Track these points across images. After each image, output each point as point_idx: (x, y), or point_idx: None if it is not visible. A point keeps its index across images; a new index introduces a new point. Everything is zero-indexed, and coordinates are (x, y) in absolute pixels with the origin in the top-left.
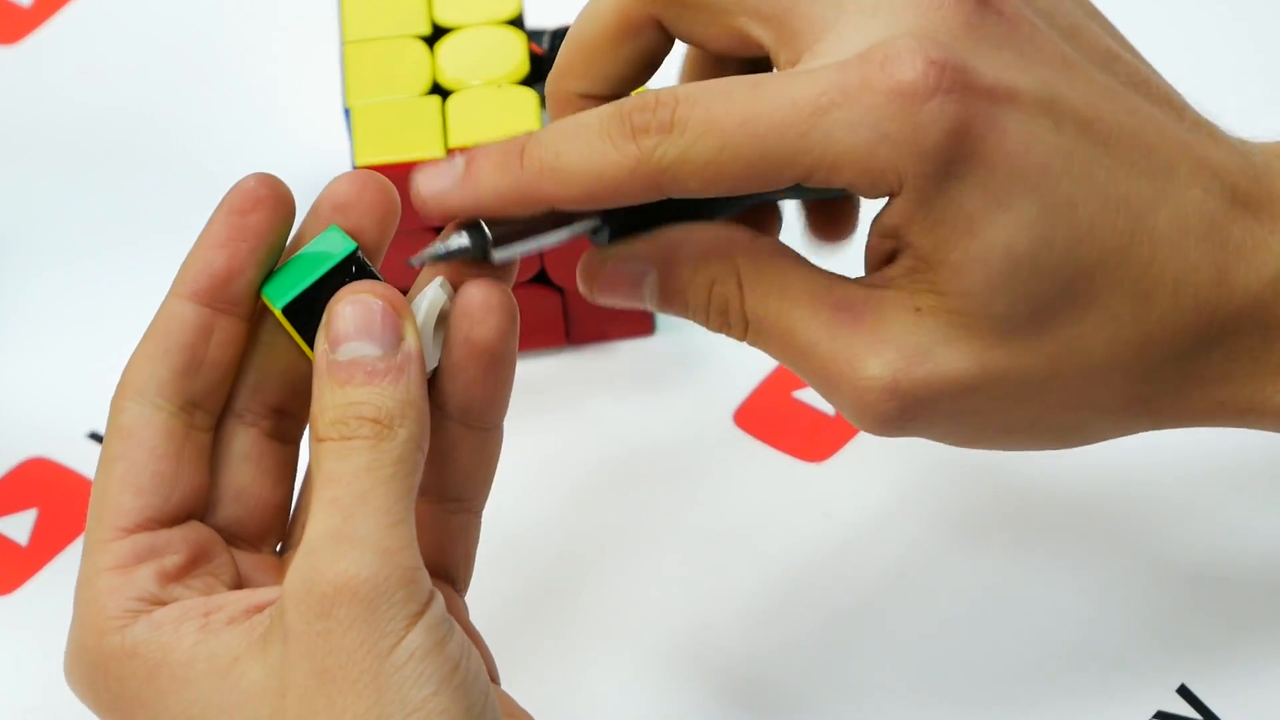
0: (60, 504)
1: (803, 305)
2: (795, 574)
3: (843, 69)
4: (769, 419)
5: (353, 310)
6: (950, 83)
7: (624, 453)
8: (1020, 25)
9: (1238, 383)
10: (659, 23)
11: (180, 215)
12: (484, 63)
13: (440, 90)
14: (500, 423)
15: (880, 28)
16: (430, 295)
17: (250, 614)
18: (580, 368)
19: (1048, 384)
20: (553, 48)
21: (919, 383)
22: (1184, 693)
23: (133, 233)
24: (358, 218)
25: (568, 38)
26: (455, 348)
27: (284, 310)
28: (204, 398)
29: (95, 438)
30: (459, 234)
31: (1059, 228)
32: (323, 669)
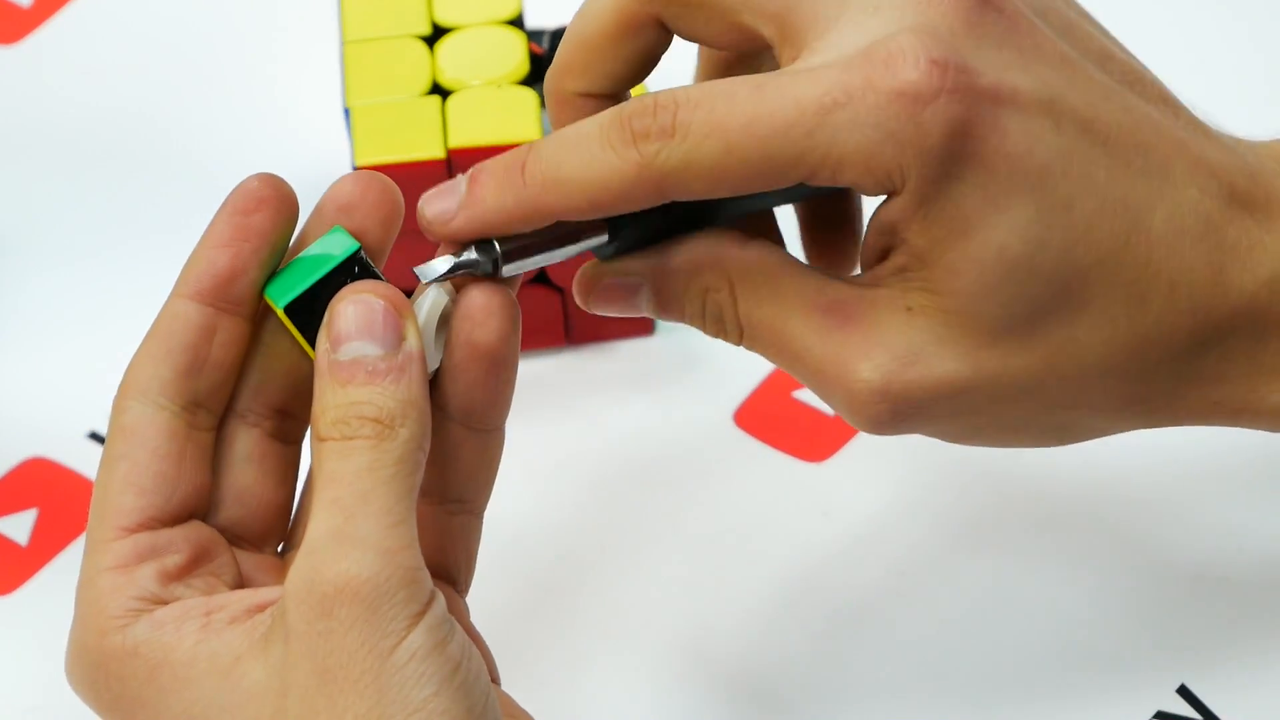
0: (60, 504)
1: (795, 309)
2: (795, 574)
3: (846, 68)
4: (769, 419)
5: (354, 310)
6: (953, 83)
7: (624, 453)
8: (1019, 23)
9: (1232, 383)
10: (659, 21)
11: (180, 215)
12: (484, 63)
13: (440, 90)
14: (502, 425)
15: (882, 24)
16: (432, 296)
17: (252, 614)
18: (580, 368)
19: (1041, 385)
20: (552, 47)
21: (911, 384)
22: (1184, 693)
23: (133, 233)
24: (361, 218)
25: (566, 35)
26: (457, 350)
27: (286, 309)
28: (206, 398)
29: (95, 438)
30: (468, 250)
31: (1055, 230)
32: (324, 669)
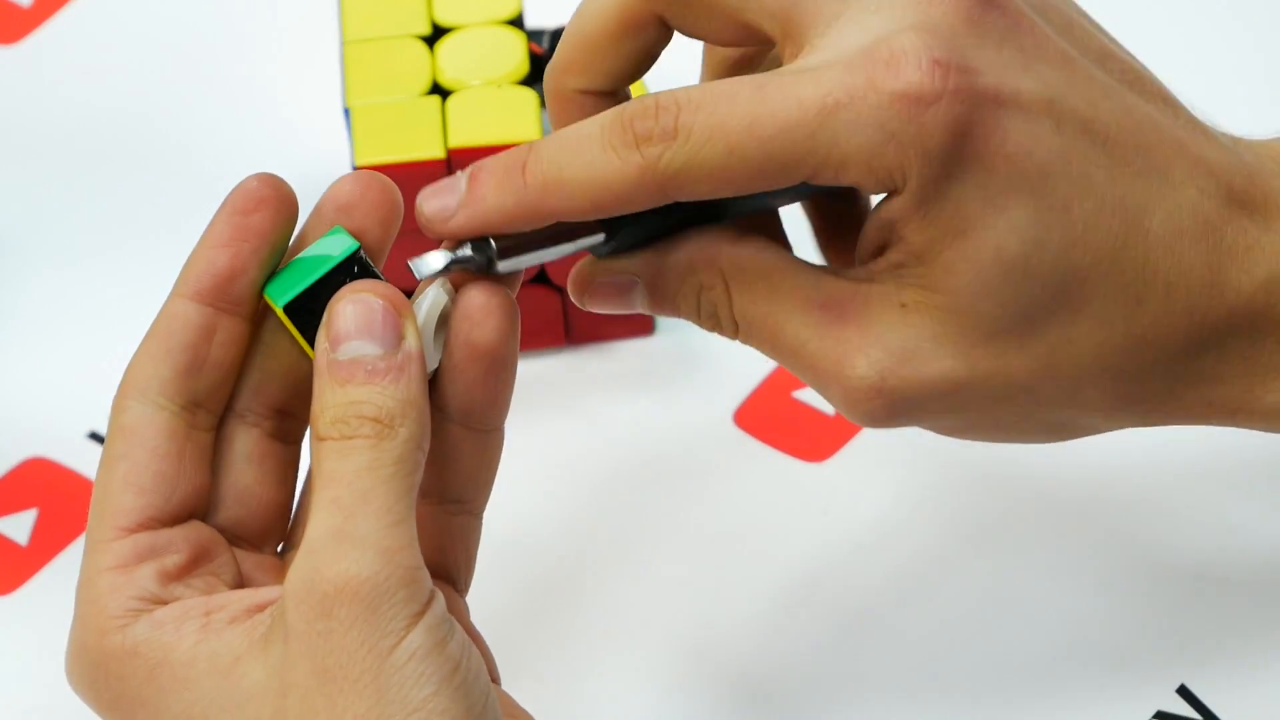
0: (60, 504)
1: (790, 305)
2: (795, 574)
3: (848, 68)
4: (769, 419)
5: (353, 309)
6: (955, 84)
7: (624, 453)
8: (1020, 21)
9: (1228, 384)
10: (661, 18)
11: (180, 215)
12: (484, 63)
13: (440, 90)
14: (501, 425)
15: (884, 21)
16: (431, 296)
17: (251, 613)
18: (580, 368)
19: (1036, 384)
20: (552, 47)
21: (906, 381)
22: (1184, 693)
23: (133, 233)
24: (361, 218)
25: (567, 32)
26: (456, 350)
27: (285, 309)
28: (206, 397)
29: (95, 438)
30: (464, 246)
31: (1053, 231)
32: (323, 669)
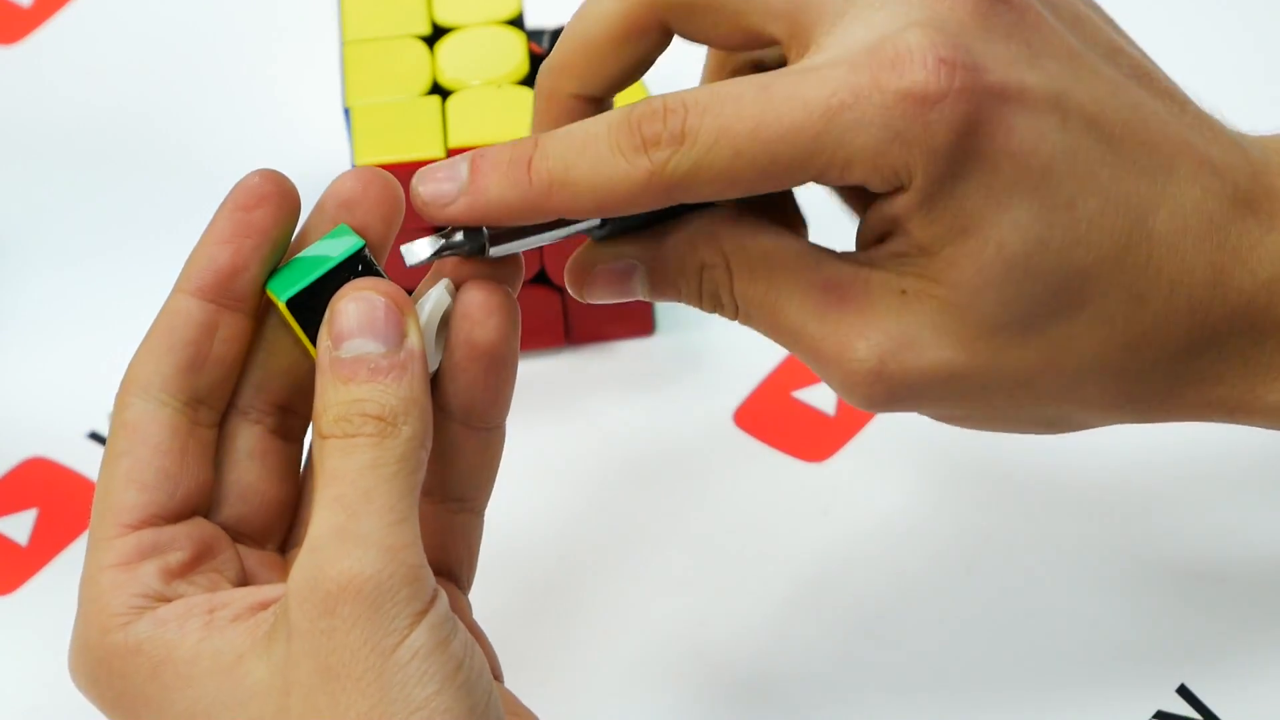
0: (60, 504)
1: (791, 287)
2: (795, 573)
3: (853, 67)
4: (769, 419)
5: (356, 307)
6: (961, 82)
7: (624, 453)
8: (1028, 15)
9: (1228, 383)
10: (663, 24)
11: (180, 215)
12: (484, 63)
13: (440, 90)
14: (502, 423)
15: (889, 19)
16: (435, 297)
17: (254, 611)
18: (580, 368)
19: (1035, 379)
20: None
21: (905, 367)
22: (1184, 693)
23: (133, 233)
24: (363, 215)
25: (565, 35)
26: (456, 349)
27: (288, 304)
28: (208, 394)
29: (95, 438)
30: (456, 232)
31: (1056, 229)
32: (326, 667)
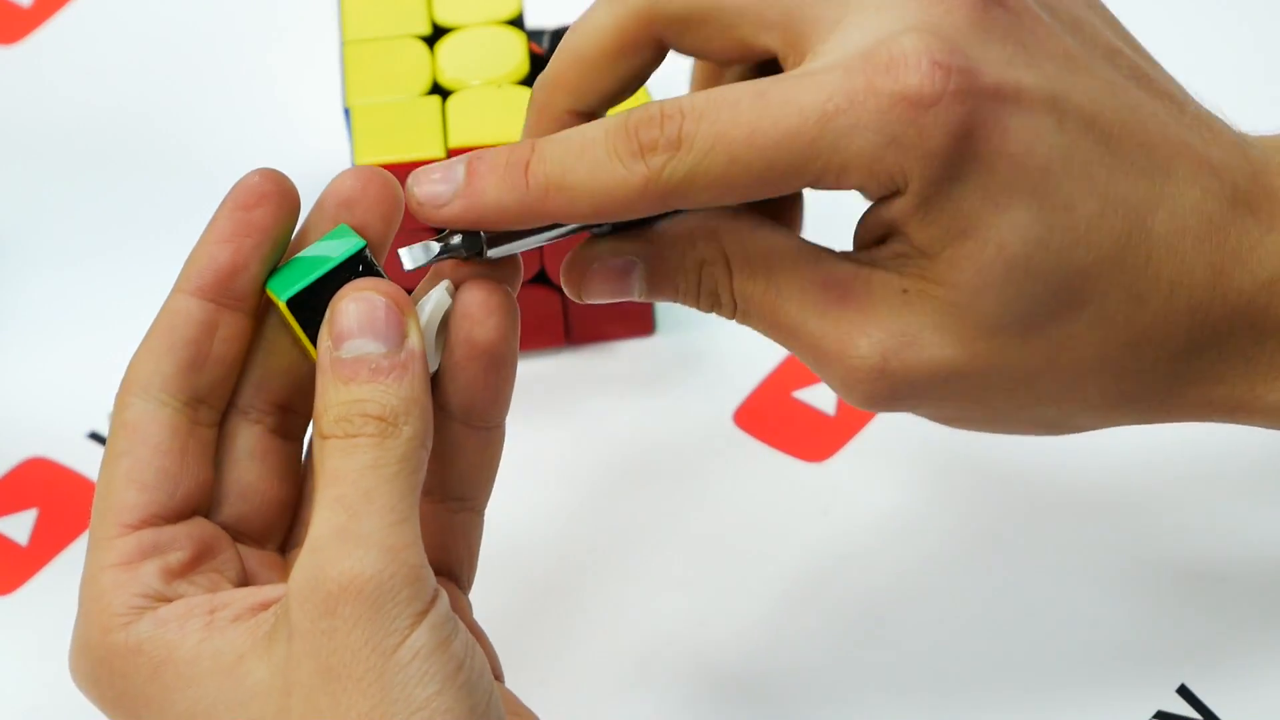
0: (60, 504)
1: (791, 284)
2: (795, 574)
3: (847, 72)
4: (769, 419)
5: (356, 307)
6: (956, 84)
7: (624, 453)
8: (1024, 18)
9: (1228, 383)
10: (658, 39)
11: (180, 215)
12: (484, 63)
13: (440, 90)
14: (502, 422)
15: (884, 23)
16: (435, 298)
17: (255, 611)
18: (580, 368)
19: (1036, 379)
20: (552, 47)
21: (907, 365)
22: (1184, 693)
23: (133, 232)
24: (362, 213)
25: (560, 51)
26: (456, 348)
27: (289, 303)
28: (208, 393)
29: (95, 438)
30: (454, 234)
31: (1056, 230)
32: (327, 667)
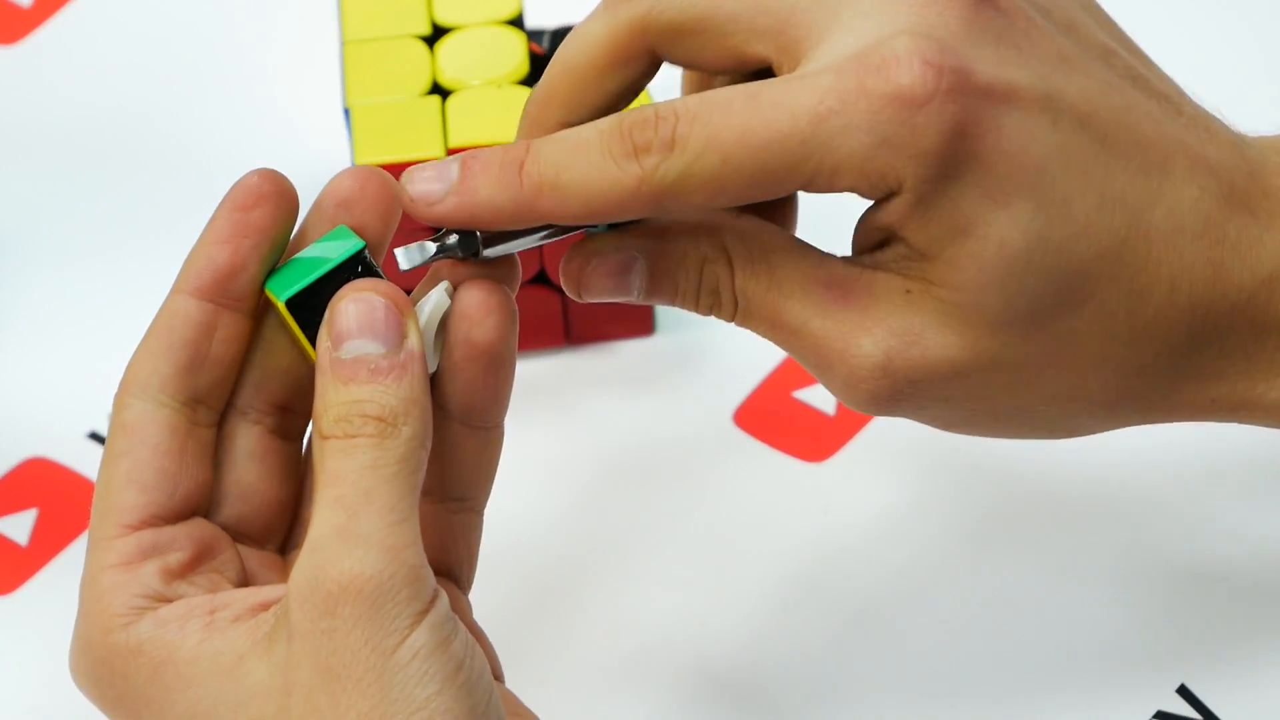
0: (60, 504)
1: (793, 284)
2: (794, 573)
3: (839, 74)
4: (769, 419)
5: (356, 308)
6: (948, 84)
7: (624, 453)
8: (1017, 19)
9: (1230, 380)
10: (651, 51)
11: (180, 215)
12: (484, 63)
13: (440, 90)
14: (501, 422)
15: (876, 26)
16: (434, 299)
17: (255, 612)
18: (580, 368)
19: (1038, 376)
20: (552, 47)
21: (911, 363)
22: (1184, 693)
23: (133, 232)
24: (360, 213)
25: (553, 64)
26: (455, 348)
27: (287, 304)
28: (207, 394)
29: (95, 438)
30: (451, 235)
31: (1054, 226)
32: (327, 667)
